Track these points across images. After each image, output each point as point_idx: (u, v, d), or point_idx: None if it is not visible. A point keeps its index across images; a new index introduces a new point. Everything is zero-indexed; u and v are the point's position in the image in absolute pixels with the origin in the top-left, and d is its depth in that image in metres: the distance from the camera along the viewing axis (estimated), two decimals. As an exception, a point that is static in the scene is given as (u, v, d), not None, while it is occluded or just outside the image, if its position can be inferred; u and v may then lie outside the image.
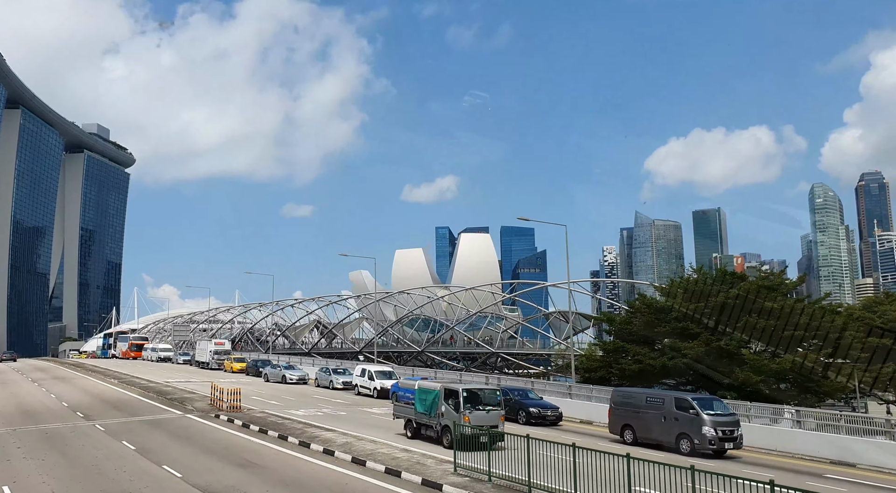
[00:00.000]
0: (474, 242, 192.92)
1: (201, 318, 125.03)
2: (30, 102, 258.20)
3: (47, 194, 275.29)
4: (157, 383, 44.01)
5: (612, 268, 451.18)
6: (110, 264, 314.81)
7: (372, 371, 39.62)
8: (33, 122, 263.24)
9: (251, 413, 29.58)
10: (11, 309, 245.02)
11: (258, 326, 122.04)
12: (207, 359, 64.33)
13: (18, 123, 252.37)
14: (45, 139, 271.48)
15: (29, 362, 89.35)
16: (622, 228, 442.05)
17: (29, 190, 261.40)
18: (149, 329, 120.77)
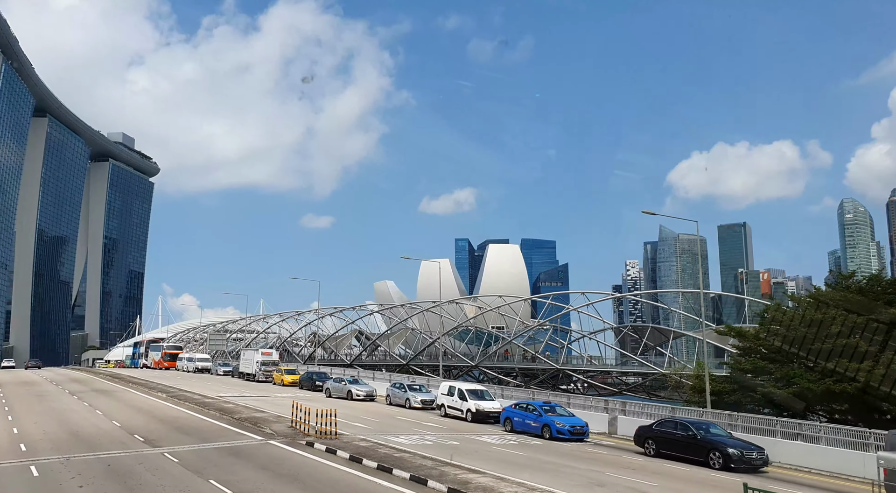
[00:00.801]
0: (503, 253, 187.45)
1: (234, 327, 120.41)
2: (56, 110, 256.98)
3: (72, 202, 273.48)
4: (212, 399, 38.80)
5: (634, 282, 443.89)
6: (132, 273, 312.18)
7: (464, 390, 34.16)
8: (60, 130, 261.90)
9: (350, 441, 24.28)
10: (35, 317, 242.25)
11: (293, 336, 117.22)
12: (254, 370, 59.05)
13: (45, 131, 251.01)
14: (71, 147, 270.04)
15: (59, 371, 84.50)
16: (646, 242, 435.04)
17: (54, 198, 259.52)
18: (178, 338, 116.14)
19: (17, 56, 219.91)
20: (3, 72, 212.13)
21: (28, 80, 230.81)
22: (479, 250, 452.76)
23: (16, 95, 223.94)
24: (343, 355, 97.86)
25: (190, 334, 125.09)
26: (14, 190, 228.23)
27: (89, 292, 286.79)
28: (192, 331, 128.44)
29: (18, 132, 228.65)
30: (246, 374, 61.26)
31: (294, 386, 52.16)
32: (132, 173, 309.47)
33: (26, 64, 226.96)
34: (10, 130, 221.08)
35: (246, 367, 61.55)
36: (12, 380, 55.57)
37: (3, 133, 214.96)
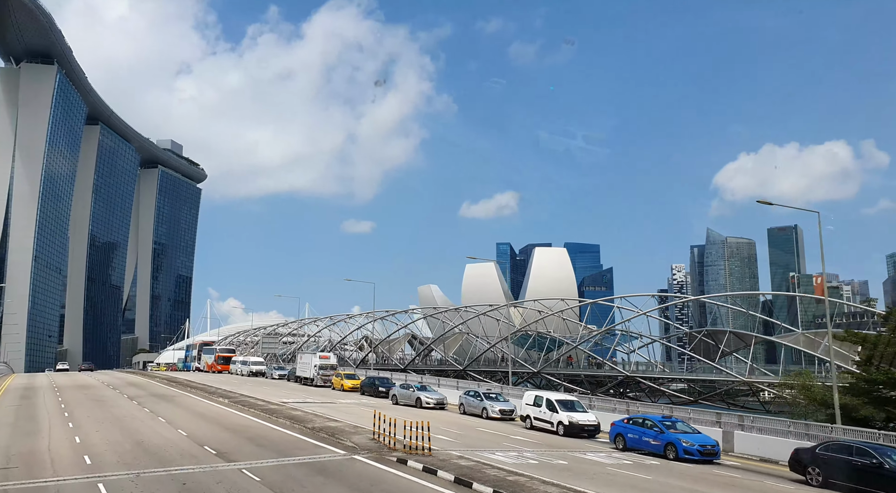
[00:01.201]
0: (549, 257, 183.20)
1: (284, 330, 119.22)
2: (108, 118, 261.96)
3: (123, 208, 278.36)
4: (277, 405, 36.43)
5: (681, 287, 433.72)
6: (181, 278, 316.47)
7: (553, 400, 31.00)
8: (111, 137, 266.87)
9: (447, 459, 21.44)
10: (87, 321, 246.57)
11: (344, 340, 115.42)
12: (311, 374, 56.50)
13: (97, 138, 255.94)
14: (122, 155, 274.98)
15: (113, 374, 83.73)
16: (692, 246, 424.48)
17: (105, 204, 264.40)
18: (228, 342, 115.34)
19: (71, 65, 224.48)
20: (58, 81, 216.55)
21: (81, 88, 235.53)
22: (522, 254, 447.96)
23: (70, 103, 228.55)
24: (396, 359, 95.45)
25: (240, 338, 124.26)
26: (68, 197, 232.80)
27: (139, 296, 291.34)
28: (242, 334, 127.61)
29: (72, 140, 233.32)
30: (303, 378, 58.86)
31: (355, 391, 49.71)
32: (180, 180, 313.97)
33: (79, 73, 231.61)
34: (65, 137, 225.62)
35: (303, 371, 59.18)
36: (70, 383, 54.35)
37: (57, 141, 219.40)
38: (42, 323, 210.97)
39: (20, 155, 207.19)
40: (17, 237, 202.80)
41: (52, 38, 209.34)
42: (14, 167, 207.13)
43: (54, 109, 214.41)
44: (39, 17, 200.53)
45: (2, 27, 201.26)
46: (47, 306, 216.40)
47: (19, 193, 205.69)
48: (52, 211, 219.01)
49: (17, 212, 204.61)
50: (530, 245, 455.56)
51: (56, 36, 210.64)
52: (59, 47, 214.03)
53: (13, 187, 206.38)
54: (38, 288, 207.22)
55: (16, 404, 36.03)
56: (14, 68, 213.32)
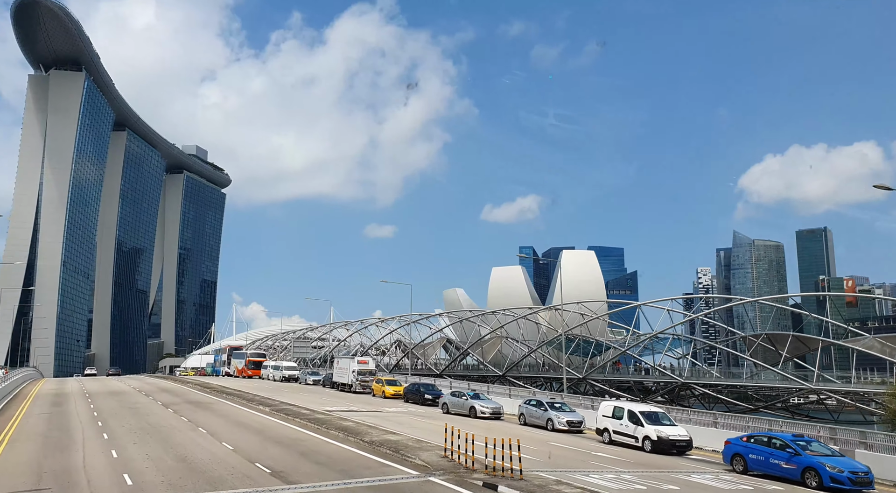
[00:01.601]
0: (578, 259, 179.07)
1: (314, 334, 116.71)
2: (135, 124, 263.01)
3: (149, 214, 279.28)
4: (322, 414, 33.54)
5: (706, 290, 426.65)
6: (205, 282, 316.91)
7: (636, 412, 27.64)
8: (138, 143, 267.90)
9: (544, 484, 18.33)
10: (115, 325, 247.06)
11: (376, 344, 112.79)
12: (349, 380, 53.53)
13: (124, 144, 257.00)
14: (148, 160, 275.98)
15: (144, 379, 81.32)
16: (718, 249, 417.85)
17: (132, 209, 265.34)
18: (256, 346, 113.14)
19: (99, 72, 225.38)
20: (86, 87, 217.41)
21: (108, 95, 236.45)
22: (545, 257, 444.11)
23: (97, 109, 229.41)
24: (430, 363, 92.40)
25: (268, 342, 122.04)
26: (95, 202, 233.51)
27: (165, 300, 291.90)
28: (271, 338, 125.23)
29: (100, 146, 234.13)
30: (340, 384, 55.90)
31: (397, 399, 46.77)
32: (205, 184, 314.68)
33: (107, 79, 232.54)
34: (92, 143, 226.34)
35: (340, 376, 56.27)
36: (101, 390, 52.04)
37: (85, 147, 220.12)
38: (70, 328, 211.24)
39: (49, 161, 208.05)
40: (46, 243, 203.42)
41: (81, 44, 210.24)
42: (43, 173, 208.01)
43: (82, 116, 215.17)
44: (68, 24, 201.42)
45: (32, 35, 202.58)
46: (75, 311, 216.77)
47: (48, 199, 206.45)
48: (80, 216, 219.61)
49: (46, 217, 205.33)
50: (553, 249, 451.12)
51: (84, 43, 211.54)
52: (87, 54, 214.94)
53: (42, 193, 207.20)
54: (66, 293, 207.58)
55: (47, 413, 33.58)
56: (43, 75, 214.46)
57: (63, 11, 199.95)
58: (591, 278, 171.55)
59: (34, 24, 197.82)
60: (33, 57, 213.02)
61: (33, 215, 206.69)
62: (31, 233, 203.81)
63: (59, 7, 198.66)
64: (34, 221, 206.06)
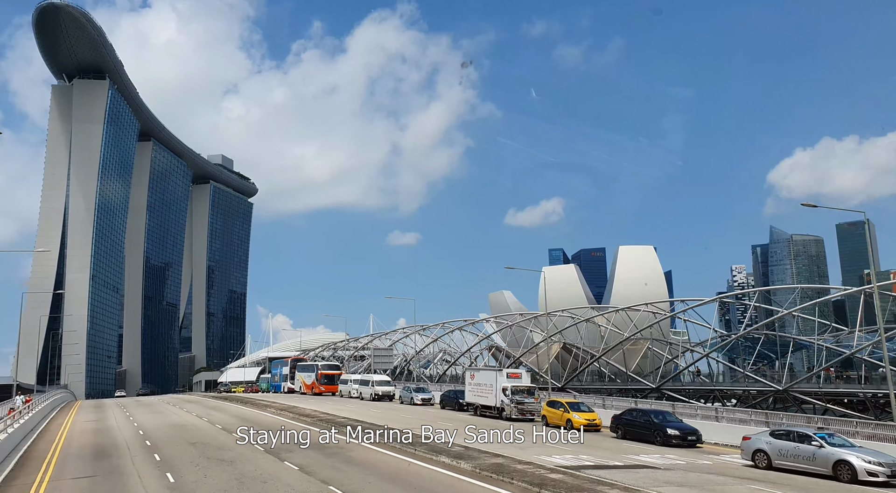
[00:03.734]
0: (636, 255, 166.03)
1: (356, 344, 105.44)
2: (160, 134, 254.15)
3: (176, 225, 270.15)
4: (556, 474, 21.09)
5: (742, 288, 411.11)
6: (234, 294, 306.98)
7: None
8: (163, 154, 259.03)
9: None
10: (145, 341, 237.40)
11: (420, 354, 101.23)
12: (496, 402, 39.60)
13: (150, 155, 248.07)
14: (174, 170, 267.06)
15: (188, 399, 69.04)
16: (754, 245, 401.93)
17: (159, 220, 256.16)
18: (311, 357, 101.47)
19: (123, 81, 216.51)
20: (110, 96, 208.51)
21: (133, 104, 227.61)
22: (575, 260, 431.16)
23: (122, 119, 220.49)
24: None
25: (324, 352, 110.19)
26: (122, 214, 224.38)
27: (195, 313, 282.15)
28: (328, 348, 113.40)
29: (125, 157, 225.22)
30: (481, 407, 41.67)
31: (592, 430, 32.69)
32: (232, 194, 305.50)
33: (131, 89, 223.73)
34: (118, 154, 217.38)
35: (479, 395, 42.07)
36: (158, 424, 39.89)
37: (111, 158, 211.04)
38: (101, 344, 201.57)
39: (75, 173, 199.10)
40: (74, 256, 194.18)
41: (104, 52, 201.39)
42: (69, 185, 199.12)
43: (107, 125, 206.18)
44: (90, 31, 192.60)
45: (54, 43, 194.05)
46: (106, 326, 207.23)
47: (75, 211, 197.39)
48: (108, 228, 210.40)
49: (74, 230, 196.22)
50: (584, 250, 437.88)
51: (107, 50, 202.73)
52: (111, 62, 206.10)
53: (69, 206, 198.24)
54: (96, 308, 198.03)
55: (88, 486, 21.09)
56: (67, 85, 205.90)
57: (85, 17, 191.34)
58: (652, 275, 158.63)
59: (56, 31, 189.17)
60: (56, 67, 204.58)
61: (60, 228, 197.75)
62: (58, 247, 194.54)
63: (81, 13, 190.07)
64: (61, 235, 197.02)
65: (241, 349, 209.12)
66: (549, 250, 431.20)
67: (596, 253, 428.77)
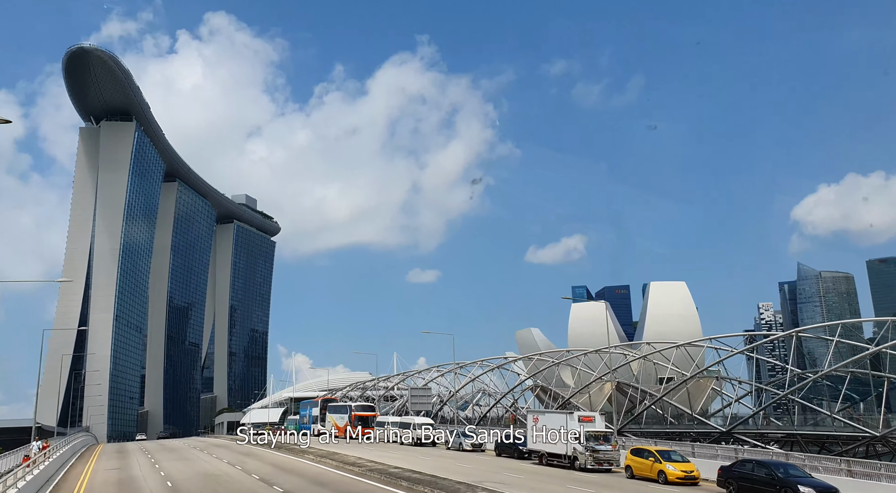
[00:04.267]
0: (667, 292, 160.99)
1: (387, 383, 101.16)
2: (185, 174, 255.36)
3: (200, 265, 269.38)
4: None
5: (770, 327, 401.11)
6: (256, 333, 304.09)
7: None
8: (188, 194, 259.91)
9: None
10: (167, 381, 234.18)
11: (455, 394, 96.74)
12: (566, 449, 35.23)
13: (175, 195, 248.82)
14: (199, 211, 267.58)
15: (214, 442, 64.87)
16: (781, 282, 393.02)
17: (183, 260, 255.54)
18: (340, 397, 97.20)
19: (149, 122, 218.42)
20: (137, 138, 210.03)
21: (159, 145, 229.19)
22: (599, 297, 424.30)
23: (148, 160, 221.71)
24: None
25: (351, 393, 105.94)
26: (147, 254, 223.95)
27: (217, 353, 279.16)
28: (356, 387, 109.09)
29: (151, 198, 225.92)
30: (549, 455, 37.15)
31: (690, 484, 28.42)
32: (255, 233, 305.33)
33: (157, 130, 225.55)
34: (143, 195, 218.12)
35: (547, 442, 36.95)
36: (188, 473, 35.80)
37: (136, 199, 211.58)
38: (124, 385, 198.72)
39: (101, 214, 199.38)
40: (98, 296, 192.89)
41: (131, 94, 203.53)
42: (95, 226, 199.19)
43: (133, 167, 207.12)
44: (118, 74, 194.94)
45: (83, 87, 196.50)
46: (129, 366, 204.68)
47: (100, 252, 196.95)
48: (132, 269, 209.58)
49: (98, 270, 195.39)
50: (607, 287, 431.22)
51: (134, 92, 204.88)
52: (137, 103, 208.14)
53: (94, 246, 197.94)
54: (119, 348, 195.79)
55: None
56: (94, 128, 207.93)
57: (113, 60, 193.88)
58: (685, 312, 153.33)
59: (85, 74, 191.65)
60: (84, 109, 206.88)
61: (85, 269, 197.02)
62: (83, 287, 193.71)
63: (109, 56, 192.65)
64: (86, 275, 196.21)
65: (263, 390, 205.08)
66: (572, 288, 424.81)
67: (620, 291, 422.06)
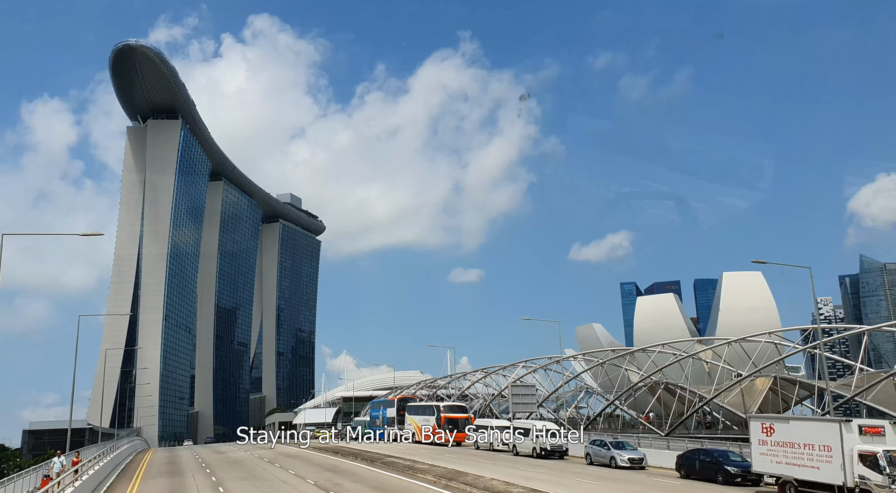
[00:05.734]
0: (743, 282, 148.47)
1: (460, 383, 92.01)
2: (231, 173, 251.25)
3: (247, 264, 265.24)
4: None
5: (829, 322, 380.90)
6: (303, 332, 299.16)
7: None
8: (234, 193, 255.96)
9: None
10: (217, 382, 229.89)
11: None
12: (842, 478, 23.50)
13: (221, 194, 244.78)
14: (245, 210, 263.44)
15: (291, 451, 51.87)
16: (842, 276, 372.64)
17: (230, 260, 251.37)
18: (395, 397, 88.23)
19: (195, 121, 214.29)
20: (183, 136, 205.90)
21: (204, 144, 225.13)
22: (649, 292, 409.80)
23: (194, 159, 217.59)
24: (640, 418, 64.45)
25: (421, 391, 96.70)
26: (195, 253, 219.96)
27: (265, 352, 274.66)
28: (425, 386, 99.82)
29: (197, 197, 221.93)
30: (803, 482, 25.17)
31: None
32: (301, 232, 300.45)
33: (203, 128, 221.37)
34: (191, 194, 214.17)
35: (800, 464, 25.27)
36: None
37: (183, 198, 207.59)
38: (174, 385, 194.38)
39: (149, 213, 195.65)
40: (147, 296, 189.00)
41: (177, 91, 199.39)
42: (143, 226, 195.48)
43: (180, 165, 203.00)
44: (164, 71, 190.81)
45: (129, 85, 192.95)
46: (178, 367, 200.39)
47: (149, 252, 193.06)
48: (180, 268, 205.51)
49: (147, 270, 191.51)
50: (657, 283, 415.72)
51: (180, 90, 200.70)
52: (183, 101, 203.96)
53: (143, 246, 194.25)
54: (169, 349, 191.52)
55: None
56: (141, 127, 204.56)
57: (159, 57, 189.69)
58: (762, 304, 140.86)
59: (131, 72, 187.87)
60: (131, 108, 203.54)
61: (134, 269, 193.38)
62: (132, 288, 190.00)
63: (155, 53, 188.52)
64: (135, 276, 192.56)
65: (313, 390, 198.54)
66: (620, 284, 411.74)
67: (670, 286, 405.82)
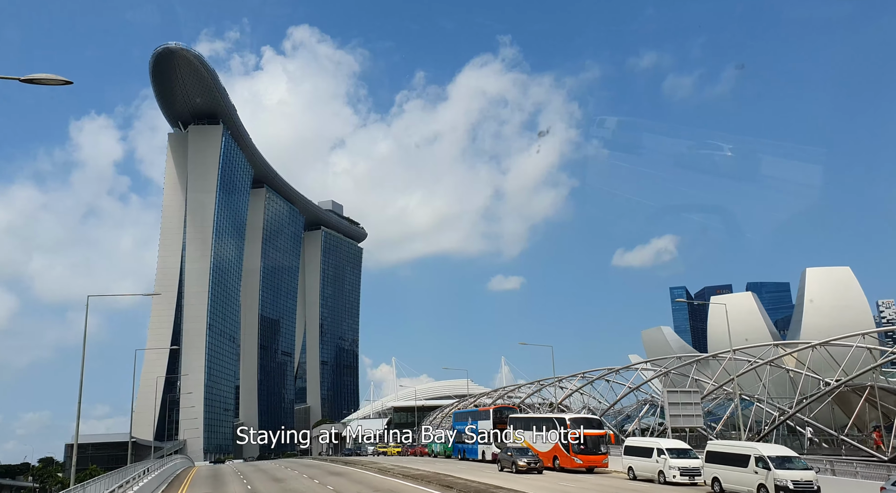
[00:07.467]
0: (829, 278, 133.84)
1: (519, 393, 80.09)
2: (273, 180, 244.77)
3: (290, 272, 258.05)
4: None
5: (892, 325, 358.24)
6: (346, 341, 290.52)
7: None
8: (276, 200, 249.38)
9: None
10: (261, 392, 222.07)
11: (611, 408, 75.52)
12: None
13: (263, 201, 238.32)
14: (287, 216, 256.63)
15: (362, 477, 38.97)
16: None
17: (273, 268, 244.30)
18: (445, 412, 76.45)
19: (236, 126, 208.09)
20: (224, 142, 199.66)
21: (246, 150, 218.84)
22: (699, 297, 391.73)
23: (236, 165, 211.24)
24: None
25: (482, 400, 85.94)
26: (238, 261, 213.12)
27: (309, 362, 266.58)
28: (503, 396, 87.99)
29: (240, 203, 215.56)
30: None
31: None
32: (343, 240, 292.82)
33: (244, 134, 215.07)
34: (233, 201, 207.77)
35: None
36: None
37: (226, 205, 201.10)
38: (218, 396, 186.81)
39: (191, 221, 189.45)
40: (191, 305, 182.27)
41: (217, 96, 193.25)
42: (186, 233, 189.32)
43: (222, 171, 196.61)
44: (204, 74, 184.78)
45: (170, 90, 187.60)
46: (223, 377, 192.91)
47: (191, 259, 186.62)
48: (224, 276, 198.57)
49: (190, 279, 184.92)
50: (707, 287, 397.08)
51: (221, 94, 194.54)
52: (224, 106, 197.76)
53: (185, 253, 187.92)
54: (213, 359, 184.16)
55: None
56: (182, 133, 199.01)
57: (199, 60, 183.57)
58: (853, 303, 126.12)
59: (172, 76, 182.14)
60: (172, 114, 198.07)
61: (177, 278, 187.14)
62: (175, 297, 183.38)
63: (195, 56, 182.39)
64: (178, 285, 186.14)
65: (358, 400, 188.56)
66: (669, 289, 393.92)
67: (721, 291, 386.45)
